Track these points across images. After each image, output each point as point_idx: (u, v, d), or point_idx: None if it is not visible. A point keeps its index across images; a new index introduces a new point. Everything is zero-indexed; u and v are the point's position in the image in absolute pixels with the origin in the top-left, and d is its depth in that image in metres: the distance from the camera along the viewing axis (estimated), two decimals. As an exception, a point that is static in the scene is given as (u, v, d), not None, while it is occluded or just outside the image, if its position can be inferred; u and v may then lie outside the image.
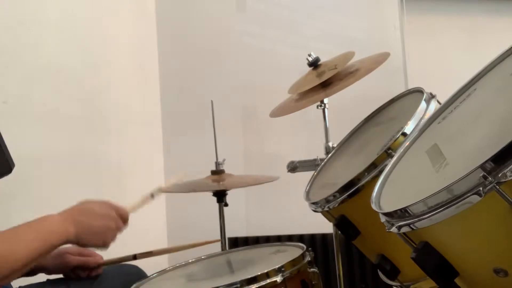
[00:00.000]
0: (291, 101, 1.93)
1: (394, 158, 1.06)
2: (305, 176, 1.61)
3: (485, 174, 0.65)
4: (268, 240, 2.52)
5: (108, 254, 1.47)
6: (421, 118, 1.19)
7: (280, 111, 1.93)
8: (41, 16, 2.12)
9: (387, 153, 1.18)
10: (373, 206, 0.91)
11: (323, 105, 1.89)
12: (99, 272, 1.45)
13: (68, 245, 1.42)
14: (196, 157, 2.44)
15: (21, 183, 1.73)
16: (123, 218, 1.29)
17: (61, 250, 1.41)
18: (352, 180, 1.23)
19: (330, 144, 1.88)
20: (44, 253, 1.12)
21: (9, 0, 1.98)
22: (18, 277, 1.13)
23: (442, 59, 2.82)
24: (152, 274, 1.47)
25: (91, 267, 1.44)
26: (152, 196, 1.42)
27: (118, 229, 1.26)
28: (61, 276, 1.45)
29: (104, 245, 1.24)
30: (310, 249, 1.38)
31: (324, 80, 1.80)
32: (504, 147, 0.65)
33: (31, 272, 1.40)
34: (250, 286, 1.20)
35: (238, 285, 1.19)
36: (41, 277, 1.43)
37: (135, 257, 1.46)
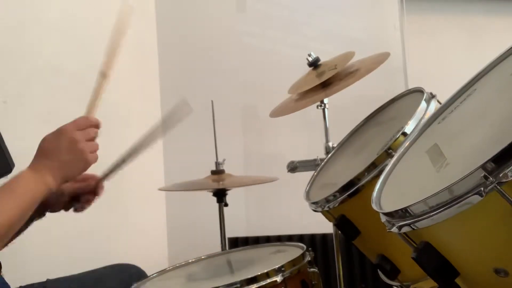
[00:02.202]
0: (291, 101, 1.93)
1: (394, 158, 1.06)
2: (305, 176, 1.61)
3: (486, 174, 0.65)
4: (268, 240, 2.52)
5: (108, 254, 1.48)
6: (421, 118, 1.19)
7: (280, 111, 1.93)
8: (41, 16, 2.12)
9: (387, 153, 1.18)
10: (374, 206, 0.91)
11: (323, 105, 1.89)
12: (102, 188, 1.39)
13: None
14: (196, 157, 2.44)
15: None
16: (87, 125, 1.19)
17: None
18: (352, 180, 1.23)
19: (330, 144, 1.88)
20: (28, 212, 1.08)
21: (10, 0, 1.98)
22: (7, 240, 1.08)
23: (442, 59, 2.82)
24: (152, 274, 1.47)
25: (92, 187, 1.38)
26: (103, 75, 1.30)
27: (91, 139, 1.18)
28: (61, 276, 1.45)
29: (88, 164, 1.17)
30: (310, 249, 1.38)
31: (324, 80, 1.80)
32: (505, 147, 0.65)
33: (37, 214, 1.37)
34: (250, 286, 1.20)
35: (238, 285, 1.19)
36: (41, 277, 1.43)
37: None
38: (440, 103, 1.21)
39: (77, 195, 1.38)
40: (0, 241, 1.04)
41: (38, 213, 1.37)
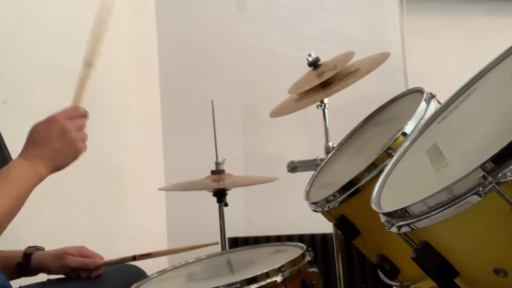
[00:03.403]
0: (291, 101, 1.93)
1: (394, 158, 1.06)
2: (305, 176, 1.61)
3: (485, 174, 0.65)
4: (268, 240, 2.52)
5: (108, 255, 1.48)
6: (421, 118, 1.19)
7: (280, 111, 1.93)
8: (40, 16, 2.12)
9: (387, 153, 1.18)
10: (373, 206, 0.91)
11: (323, 105, 1.89)
12: (99, 272, 1.45)
13: (68, 246, 1.42)
14: (196, 157, 2.44)
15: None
16: (76, 115, 1.20)
17: (61, 251, 1.41)
18: (352, 180, 1.23)
19: (330, 144, 1.88)
20: (20, 202, 1.08)
21: (9, 0, 1.98)
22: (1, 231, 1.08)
23: (442, 59, 2.82)
24: (152, 274, 1.47)
25: (91, 268, 1.43)
26: (88, 64, 1.28)
27: (81, 129, 1.19)
28: (61, 276, 1.45)
29: (79, 153, 1.17)
30: (310, 249, 1.38)
31: (324, 80, 1.80)
32: (504, 147, 0.65)
33: (32, 273, 1.40)
34: (250, 286, 1.20)
35: (238, 285, 1.19)
36: (41, 277, 1.43)
37: (134, 258, 1.46)
38: (440, 103, 1.21)
39: (74, 268, 1.42)
40: None
41: (34, 272, 1.41)
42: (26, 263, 1.38)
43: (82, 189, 2.11)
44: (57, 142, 1.14)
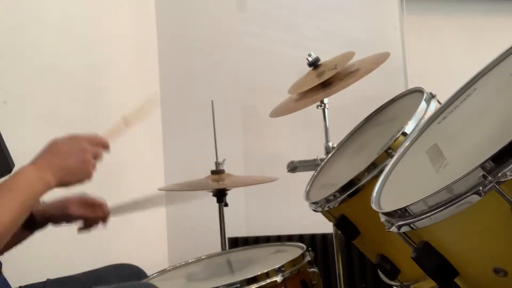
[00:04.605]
0: (291, 101, 1.93)
1: (394, 158, 1.06)
2: (305, 176, 1.61)
3: (485, 173, 0.65)
4: (268, 240, 2.52)
5: (107, 254, 1.48)
6: (421, 118, 1.20)
7: (280, 111, 1.93)
8: (41, 16, 2.12)
9: (387, 153, 1.18)
10: (373, 206, 0.91)
11: (323, 105, 1.89)
12: (107, 220, 1.45)
13: (68, 194, 1.41)
14: (196, 157, 2.44)
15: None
16: (98, 144, 1.24)
17: (63, 200, 1.41)
18: (352, 180, 1.23)
19: (330, 144, 1.88)
20: (27, 208, 1.09)
21: (9, 0, 1.98)
22: (8, 239, 1.06)
23: (442, 59, 2.82)
24: (152, 274, 1.47)
25: (99, 216, 1.44)
26: (125, 122, 1.36)
27: (97, 157, 1.22)
28: (61, 276, 1.45)
29: (88, 177, 1.19)
30: (310, 249, 1.38)
31: (324, 80, 1.80)
32: (504, 147, 0.65)
33: (40, 225, 1.40)
34: (250, 286, 1.20)
35: (238, 285, 1.20)
36: (41, 277, 1.43)
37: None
38: (440, 103, 1.21)
39: (84, 218, 1.42)
40: (3, 237, 1.04)
41: (41, 224, 1.39)
42: (30, 217, 1.38)
43: (82, 188, 2.11)
44: (73, 159, 1.16)
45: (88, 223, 1.44)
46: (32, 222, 1.39)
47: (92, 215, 1.42)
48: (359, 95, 2.20)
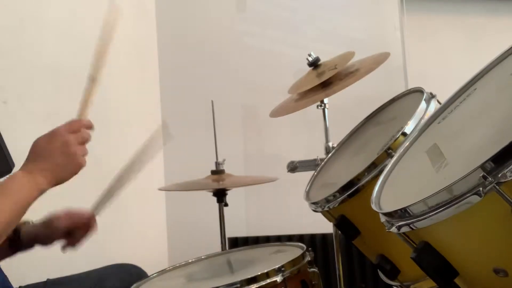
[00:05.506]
0: (291, 101, 1.93)
1: (394, 158, 1.06)
2: (305, 176, 1.61)
3: (485, 174, 0.65)
4: (268, 240, 2.52)
5: (107, 255, 1.48)
6: (421, 118, 1.19)
7: (280, 111, 1.93)
8: (41, 16, 2.12)
9: (387, 153, 1.18)
10: (373, 206, 0.91)
11: (323, 105, 1.89)
12: (94, 227, 1.43)
13: (54, 212, 1.41)
14: (196, 157, 2.44)
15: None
16: (79, 127, 1.19)
17: (48, 217, 1.40)
18: (352, 180, 1.23)
19: (330, 144, 1.88)
20: (21, 214, 1.08)
21: (9, 0, 1.98)
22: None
23: (442, 59, 2.82)
24: (152, 274, 1.47)
25: (83, 222, 1.41)
26: (92, 80, 1.30)
27: (84, 141, 1.18)
28: (61, 276, 1.45)
29: (79, 167, 1.17)
30: (310, 249, 1.38)
31: (324, 80, 1.80)
32: (504, 147, 0.65)
33: (24, 247, 1.40)
34: (250, 286, 1.20)
35: (238, 285, 1.19)
36: (41, 277, 1.43)
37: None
38: (440, 103, 1.21)
39: (71, 231, 1.41)
40: None
41: (27, 246, 1.39)
42: (16, 237, 1.38)
43: (82, 188, 2.11)
44: (59, 155, 1.14)
45: (74, 238, 1.42)
46: (17, 242, 1.39)
47: (77, 225, 1.41)
48: (359, 95, 2.20)
